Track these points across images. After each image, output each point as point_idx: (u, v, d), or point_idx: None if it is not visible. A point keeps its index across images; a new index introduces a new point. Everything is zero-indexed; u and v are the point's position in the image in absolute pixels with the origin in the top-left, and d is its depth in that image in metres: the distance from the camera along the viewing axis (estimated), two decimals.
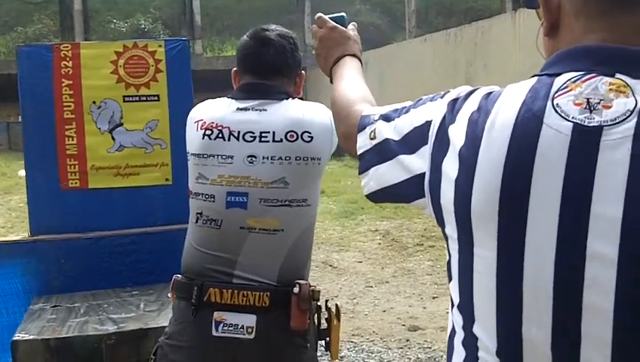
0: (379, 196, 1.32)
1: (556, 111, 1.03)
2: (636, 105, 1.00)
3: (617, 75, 1.03)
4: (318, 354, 2.38)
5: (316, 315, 2.32)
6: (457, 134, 1.12)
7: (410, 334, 5.17)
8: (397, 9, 27.25)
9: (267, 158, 2.17)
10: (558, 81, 1.06)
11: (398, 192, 1.25)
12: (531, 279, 1.03)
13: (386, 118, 1.29)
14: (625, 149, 0.98)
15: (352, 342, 5.04)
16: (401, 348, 4.90)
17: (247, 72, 2.31)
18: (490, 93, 1.13)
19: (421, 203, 1.20)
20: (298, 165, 2.18)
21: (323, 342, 2.39)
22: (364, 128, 1.33)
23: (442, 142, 1.14)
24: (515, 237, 1.04)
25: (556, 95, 1.05)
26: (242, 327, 2.14)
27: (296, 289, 2.14)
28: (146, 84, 3.57)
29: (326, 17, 1.72)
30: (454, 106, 1.15)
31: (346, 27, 1.72)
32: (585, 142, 1.00)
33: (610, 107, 1.01)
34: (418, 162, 1.18)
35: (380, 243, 8.21)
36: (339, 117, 1.48)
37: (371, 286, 6.48)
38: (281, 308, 2.15)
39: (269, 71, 2.28)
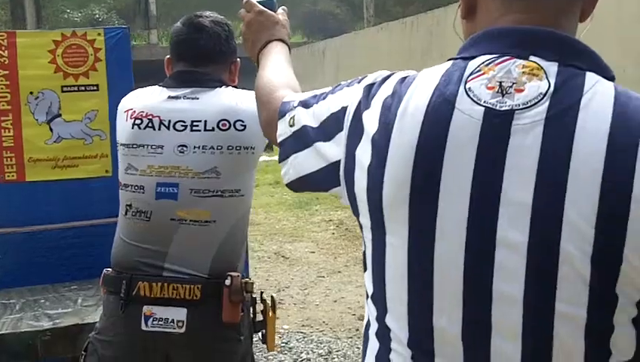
0: (298, 185, 1.29)
1: (468, 96, 1.01)
2: (549, 88, 0.98)
3: (531, 58, 1.01)
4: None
5: (251, 308, 2.29)
6: (371, 120, 1.09)
7: (360, 323, 5.15)
8: None
9: (198, 148, 2.12)
10: (472, 64, 1.04)
11: (316, 180, 1.22)
12: (441, 267, 1.01)
13: (305, 104, 1.26)
14: (536, 134, 0.96)
15: (301, 332, 5.01)
16: (351, 337, 4.89)
17: (180, 60, 2.26)
18: (406, 77, 1.11)
19: (338, 191, 1.17)
20: (230, 154, 2.13)
21: (260, 334, 2.36)
22: (284, 115, 1.30)
23: (357, 129, 1.11)
24: (425, 225, 1.01)
25: (469, 79, 1.02)
26: (172, 321, 2.10)
27: (227, 282, 2.10)
28: (84, 74, 3.48)
29: (254, 1, 1.68)
30: (370, 92, 1.13)
31: (275, 11, 1.68)
32: (496, 127, 0.98)
33: (522, 90, 0.99)
34: (334, 149, 1.15)
35: (333, 233, 8.19)
36: (261, 103, 1.44)
37: (323, 277, 6.46)
38: (212, 301, 2.11)
39: (202, 58, 2.23)
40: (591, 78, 0.99)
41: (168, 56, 2.29)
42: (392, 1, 29.02)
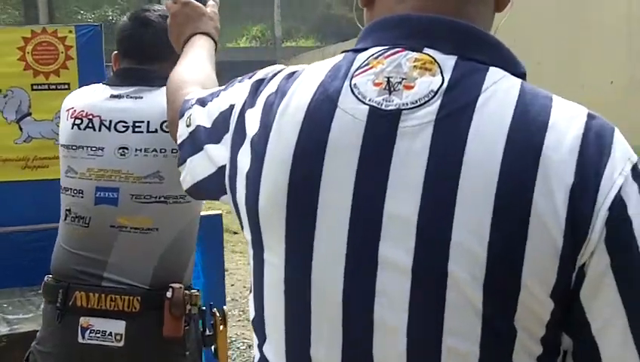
0: (195, 192, 1.16)
1: (353, 93, 0.87)
2: (442, 84, 0.83)
3: (426, 50, 0.87)
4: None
5: (201, 321, 2.15)
6: (252, 121, 0.96)
7: None
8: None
9: (140, 150, 1.99)
10: (361, 57, 0.90)
11: (208, 188, 1.09)
12: (319, 290, 0.87)
13: (202, 102, 1.13)
14: (424, 138, 0.82)
15: None
16: None
17: (126, 56, 2.13)
18: (294, 73, 0.97)
19: (226, 200, 1.04)
20: (175, 158, 1.99)
21: (212, 348, 2.23)
22: (184, 114, 1.17)
23: (240, 130, 0.98)
24: (303, 242, 0.88)
25: (356, 73, 0.88)
26: (110, 334, 1.97)
27: (168, 294, 1.97)
28: (55, 72, 3.38)
29: None
30: (258, 88, 1.00)
31: (204, 3, 1.56)
32: (381, 129, 0.84)
33: (412, 87, 0.84)
34: (222, 153, 1.02)
35: None
36: (168, 102, 1.33)
37: None
38: (153, 314, 1.98)
39: (148, 54, 2.10)
40: (494, 73, 0.85)
41: (116, 52, 2.17)
42: None
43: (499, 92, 0.83)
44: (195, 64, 1.38)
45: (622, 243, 0.78)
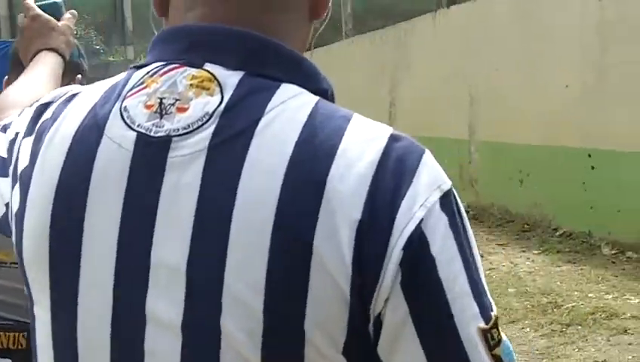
0: None
1: (122, 117, 0.75)
2: (220, 105, 0.72)
3: (206, 66, 0.75)
4: None
5: None
6: (25, 152, 0.84)
7: None
8: (336, 12, 27.03)
9: None
10: (138, 74, 0.78)
11: (2, 228, 0.96)
12: (87, 352, 0.76)
13: (5, 128, 1.00)
14: (195, 169, 0.70)
15: None
16: None
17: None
18: (77, 93, 0.85)
19: None
20: None
21: None
22: None
23: (16, 163, 0.86)
24: (67, 294, 0.76)
25: (128, 95, 0.76)
26: None
27: None
28: None
29: (32, 4, 1.44)
30: (41, 113, 0.87)
31: (60, 16, 1.45)
32: (149, 160, 0.73)
33: (185, 110, 0.73)
34: (7, 187, 0.89)
35: None
36: None
37: None
38: None
39: None
40: (286, 91, 0.74)
41: (7, 77, 2.03)
42: (373, 15, 28.86)
43: (286, 112, 0.72)
44: (30, 84, 1.27)
45: (421, 288, 0.67)
